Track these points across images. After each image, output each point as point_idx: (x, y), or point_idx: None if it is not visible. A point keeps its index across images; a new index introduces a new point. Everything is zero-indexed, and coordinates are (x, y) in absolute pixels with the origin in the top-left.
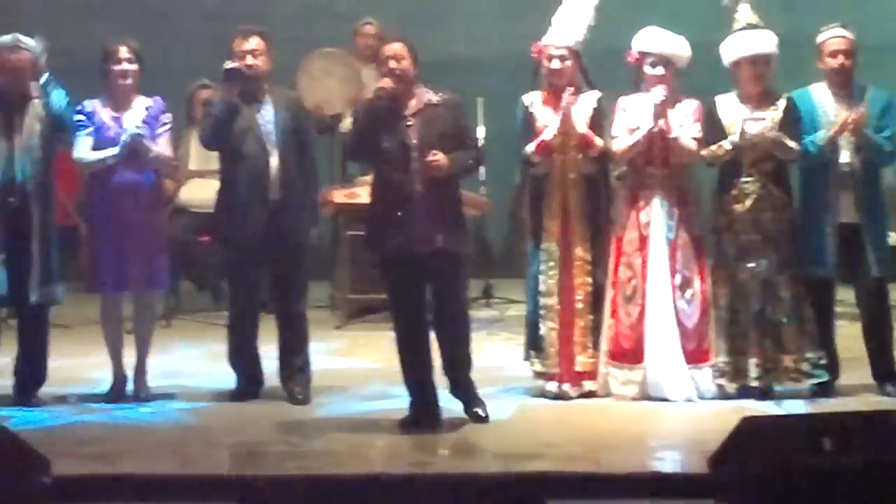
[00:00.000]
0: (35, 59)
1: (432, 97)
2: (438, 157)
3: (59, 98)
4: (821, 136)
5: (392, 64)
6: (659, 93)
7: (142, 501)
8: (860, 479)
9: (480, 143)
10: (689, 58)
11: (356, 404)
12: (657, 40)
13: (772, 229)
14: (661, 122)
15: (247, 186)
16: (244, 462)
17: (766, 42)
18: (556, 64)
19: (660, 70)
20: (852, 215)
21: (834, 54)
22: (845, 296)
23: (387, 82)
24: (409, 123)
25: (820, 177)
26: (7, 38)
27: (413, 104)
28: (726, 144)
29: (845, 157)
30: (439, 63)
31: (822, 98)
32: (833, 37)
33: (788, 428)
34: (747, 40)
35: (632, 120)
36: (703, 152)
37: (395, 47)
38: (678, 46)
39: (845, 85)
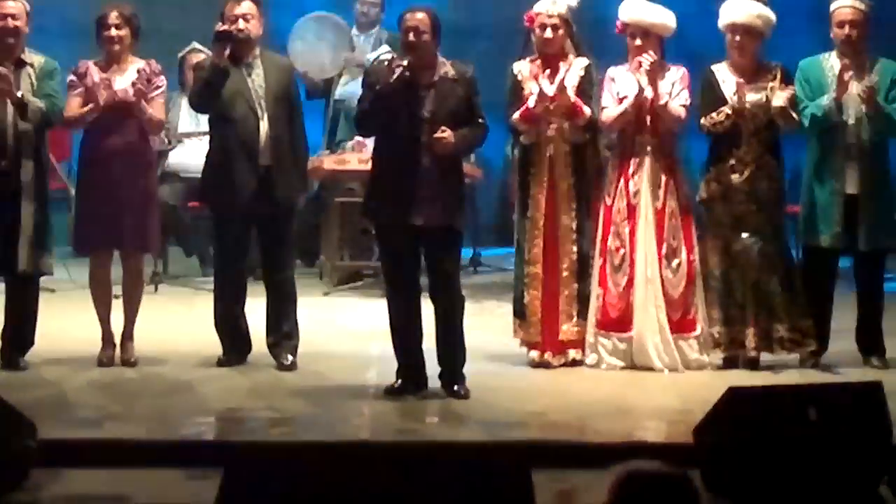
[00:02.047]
0: (27, 16)
1: (449, 70)
2: (446, 133)
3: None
4: (824, 99)
5: (411, 37)
6: (646, 60)
7: (127, 466)
8: (845, 450)
9: None
10: (674, 28)
11: (343, 371)
12: (637, 10)
13: (767, 199)
14: (648, 90)
15: (236, 151)
16: (230, 428)
17: (753, 13)
18: (548, 33)
19: (638, 41)
20: (857, 185)
21: (841, 24)
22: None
23: (402, 61)
24: (422, 95)
25: (828, 147)
26: None
27: (429, 76)
28: (727, 109)
29: (852, 126)
30: None
31: (832, 66)
32: (842, 6)
33: (774, 398)
34: (735, 8)
35: (620, 89)
36: (703, 120)
37: (417, 18)
38: (659, 16)
39: (855, 55)
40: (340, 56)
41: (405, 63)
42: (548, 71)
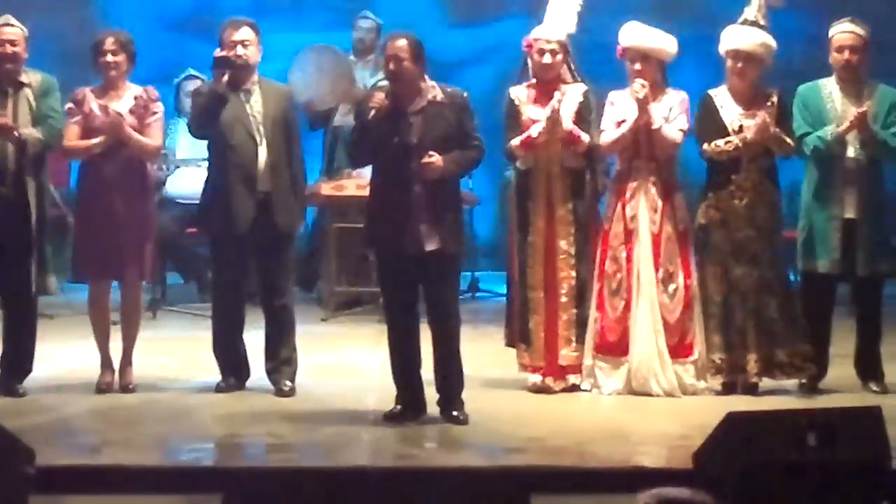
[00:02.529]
0: (26, 41)
1: (437, 94)
2: (434, 158)
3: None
4: (829, 131)
5: (392, 66)
6: (638, 86)
7: (127, 493)
8: (844, 475)
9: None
10: (673, 52)
11: (342, 397)
12: (635, 35)
13: (765, 225)
14: (642, 115)
15: (234, 177)
16: (229, 454)
17: (752, 40)
18: (547, 58)
19: (637, 65)
20: (855, 211)
21: (840, 49)
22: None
23: (379, 97)
24: (410, 122)
25: (826, 172)
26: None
27: (416, 103)
28: (736, 141)
29: (851, 152)
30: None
31: (830, 92)
32: (841, 32)
33: (773, 424)
34: (734, 35)
35: (619, 113)
36: (706, 147)
37: (396, 46)
38: (658, 41)
39: (853, 80)
40: (341, 86)
41: (381, 99)
42: (544, 98)
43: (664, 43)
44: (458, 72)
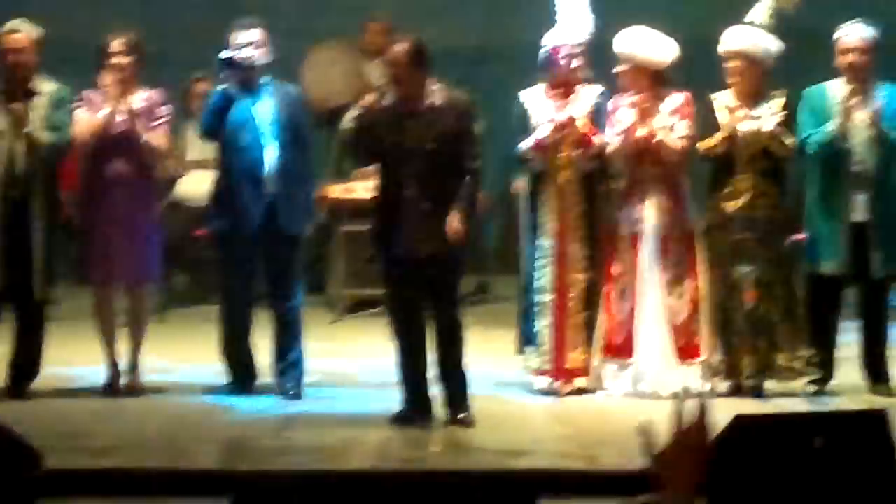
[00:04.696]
0: (36, 45)
1: (438, 99)
2: (454, 226)
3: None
4: (829, 125)
5: (392, 70)
6: (634, 101)
7: (133, 496)
8: (851, 477)
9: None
10: (667, 60)
11: (349, 400)
12: (627, 42)
13: (766, 227)
14: (643, 129)
15: (243, 179)
16: (236, 457)
17: (752, 41)
18: (574, 63)
19: (627, 72)
20: (863, 213)
21: (846, 51)
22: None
23: (368, 99)
24: (409, 125)
25: (832, 173)
26: (8, 23)
27: (417, 105)
28: (720, 134)
29: (859, 154)
30: (439, 55)
31: (837, 95)
32: (846, 34)
33: (780, 426)
34: (734, 36)
35: (619, 121)
36: (699, 145)
37: (397, 52)
38: (649, 49)
39: (860, 82)
40: (352, 83)
41: (371, 101)
42: (560, 100)
43: (656, 51)
44: None
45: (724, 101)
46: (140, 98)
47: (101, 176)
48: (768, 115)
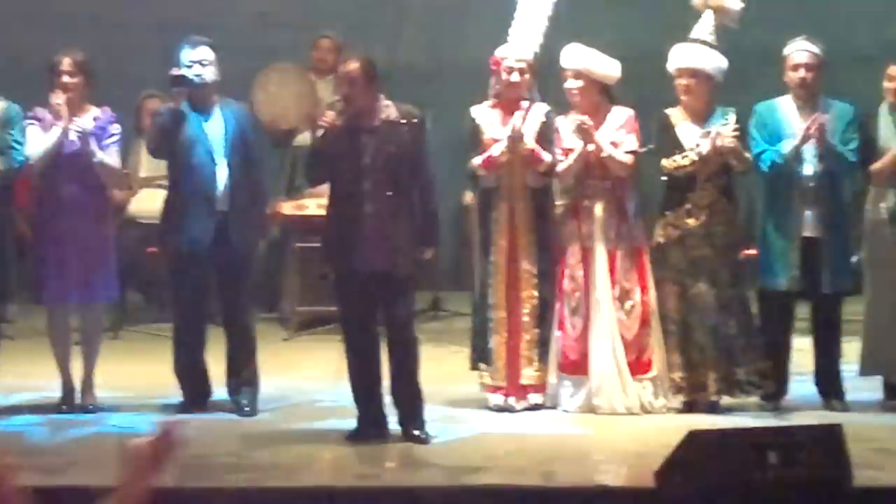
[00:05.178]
0: None
1: (391, 113)
2: (426, 254)
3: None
4: (786, 144)
5: (345, 88)
6: (577, 120)
7: None
8: (805, 493)
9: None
10: (612, 75)
11: (303, 416)
12: (576, 56)
13: (723, 243)
14: (589, 146)
15: (194, 197)
16: (191, 474)
17: (700, 58)
18: (515, 77)
19: (572, 84)
20: (814, 229)
21: (796, 68)
22: (800, 310)
23: (329, 116)
24: (364, 141)
25: (783, 189)
26: None
27: (370, 121)
28: (692, 156)
29: (808, 169)
30: (390, 71)
31: (787, 110)
32: (796, 50)
33: (734, 442)
34: (682, 53)
35: (566, 141)
36: (666, 162)
37: (349, 69)
38: (600, 63)
39: (809, 98)
40: (304, 105)
41: (331, 117)
42: (506, 115)
43: (606, 66)
44: None
45: (677, 118)
46: (90, 117)
47: (54, 195)
48: (727, 130)
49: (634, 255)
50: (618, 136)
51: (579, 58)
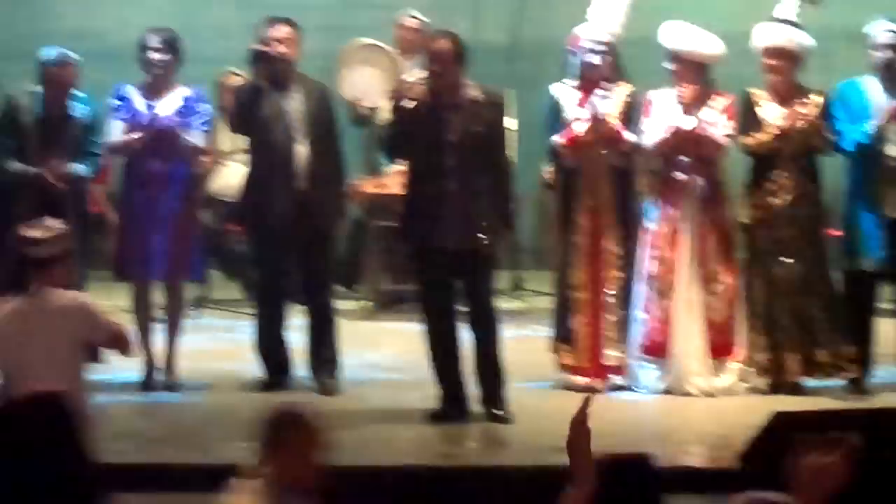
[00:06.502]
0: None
1: (474, 93)
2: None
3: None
4: (868, 126)
5: (435, 65)
6: (680, 95)
7: (171, 491)
8: (891, 474)
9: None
10: (716, 54)
11: (385, 395)
12: (673, 37)
13: (808, 224)
14: (688, 121)
15: (273, 174)
16: None
17: (785, 36)
18: (594, 58)
19: (675, 67)
20: None
21: (879, 48)
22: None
23: (417, 91)
24: (448, 119)
25: (868, 169)
26: (53, 53)
27: (454, 100)
28: (773, 130)
29: (893, 149)
30: (471, 50)
31: (871, 90)
32: (879, 30)
33: (819, 423)
34: (767, 32)
35: (661, 114)
36: (747, 139)
37: (440, 47)
38: (697, 44)
39: (893, 78)
40: (388, 84)
41: (419, 92)
42: (586, 96)
43: (704, 45)
44: None
45: (761, 97)
46: (179, 95)
47: (140, 173)
48: (814, 110)
49: (724, 236)
50: (716, 118)
51: (682, 38)
